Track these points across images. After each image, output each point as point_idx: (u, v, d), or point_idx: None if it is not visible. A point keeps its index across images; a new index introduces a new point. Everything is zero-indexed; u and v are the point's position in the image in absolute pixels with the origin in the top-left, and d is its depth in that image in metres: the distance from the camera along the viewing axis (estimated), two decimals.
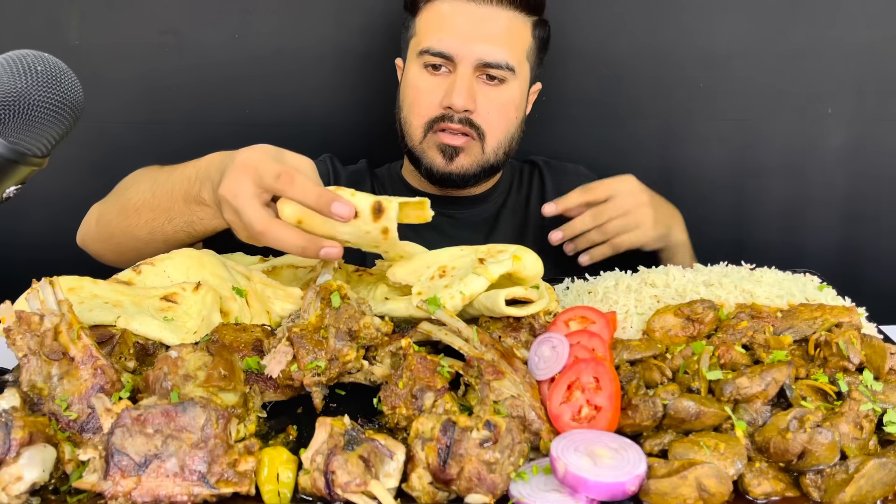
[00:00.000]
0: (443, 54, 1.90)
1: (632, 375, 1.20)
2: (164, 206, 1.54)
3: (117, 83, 2.28)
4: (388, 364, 1.25)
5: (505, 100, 1.96)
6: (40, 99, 1.05)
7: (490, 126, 1.96)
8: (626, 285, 1.50)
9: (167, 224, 1.55)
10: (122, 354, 1.21)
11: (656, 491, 0.98)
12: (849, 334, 1.22)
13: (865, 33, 2.32)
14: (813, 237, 2.49)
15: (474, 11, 1.90)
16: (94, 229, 1.77)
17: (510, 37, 1.93)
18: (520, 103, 2.02)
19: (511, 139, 2.03)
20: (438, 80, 1.93)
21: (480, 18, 1.90)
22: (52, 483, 1.01)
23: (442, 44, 1.90)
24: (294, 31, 2.30)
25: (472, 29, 1.90)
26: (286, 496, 1.01)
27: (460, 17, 1.90)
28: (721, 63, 2.35)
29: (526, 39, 1.98)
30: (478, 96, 1.92)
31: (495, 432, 0.99)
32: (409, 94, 1.98)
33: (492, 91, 1.93)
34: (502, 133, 1.99)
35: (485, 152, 1.98)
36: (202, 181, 1.44)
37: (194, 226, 1.52)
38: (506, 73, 1.92)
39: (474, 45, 1.88)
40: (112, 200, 1.73)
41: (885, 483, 1.00)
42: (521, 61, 1.97)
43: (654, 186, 2.05)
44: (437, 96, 1.92)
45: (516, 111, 2.01)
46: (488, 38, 1.90)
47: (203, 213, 1.47)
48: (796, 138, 2.42)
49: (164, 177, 1.58)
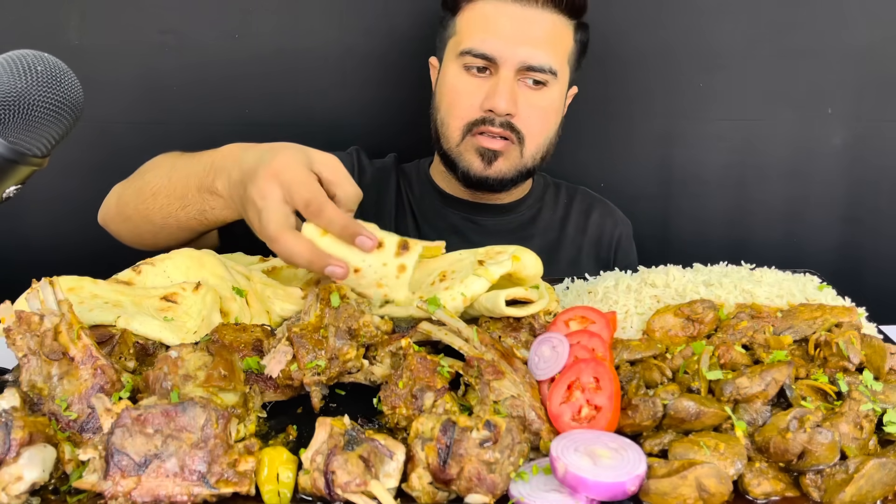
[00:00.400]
0: (486, 56, 1.86)
1: (632, 375, 1.20)
2: (179, 193, 1.55)
3: (117, 83, 2.28)
4: (388, 364, 1.25)
5: (546, 104, 1.93)
6: (40, 99, 1.05)
7: (530, 130, 1.92)
8: (626, 285, 1.50)
9: (181, 210, 1.56)
10: (122, 354, 1.21)
11: (656, 491, 0.98)
12: (849, 334, 1.22)
13: (865, 33, 2.32)
14: (813, 237, 2.50)
15: (518, 13, 1.86)
16: (114, 209, 1.77)
17: (553, 40, 1.90)
18: (559, 107, 2.00)
19: (549, 144, 2.00)
20: (479, 82, 1.89)
21: (524, 20, 1.87)
22: (52, 483, 1.01)
23: (485, 45, 1.86)
24: (294, 30, 2.30)
25: (516, 31, 1.86)
26: (286, 496, 1.01)
27: (504, 19, 1.86)
28: (721, 63, 2.35)
29: (568, 43, 1.95)
30: (519, 100, 1.88)
31: (495, 432, 0.99)
32: (448, 96, 1.94)
33: (533, 95, 1.90)
34: (542, 137, 1.96)
35: (523, 156, 1.95)
36: (217, 172, 1.45)
37: (206, 215, 1.53)
38: (548, 76, 1.89)
39: (518, 48, 1.85)
40: (131, 182, 1.74)
41: (885, 483, 1.00)
42: (562, 65, 1.94)
43: (654, 186, 2.06)
44: (477, 98, 1.88)
45: (556, 115, 1.99)
46: (532, 41, 1.86)
47: (215, 202, 1.48)
48: (796, 138, 2.42)
49: (182, 163, 1.59)
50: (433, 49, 2.07)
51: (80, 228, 2.36)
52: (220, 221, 1.55)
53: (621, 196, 2.32)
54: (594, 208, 2.23)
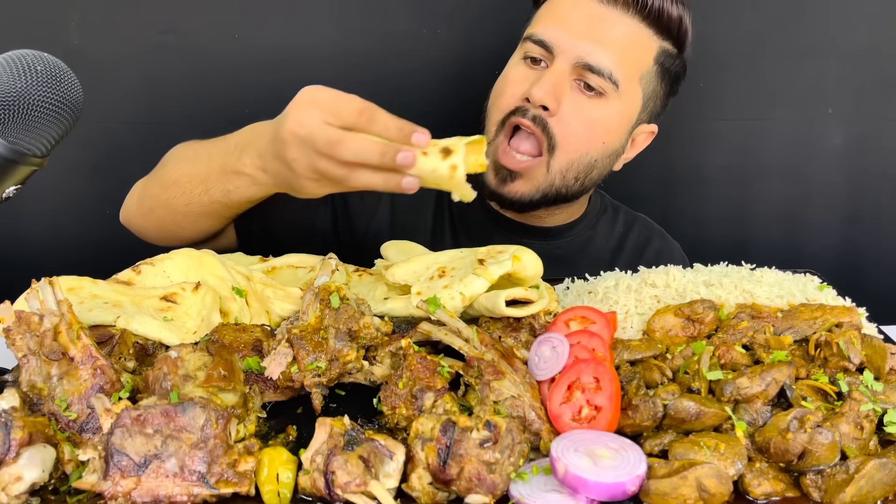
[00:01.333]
0: (543, 43, 1.68)
1: (632, 375, 1.20)
2: (202, 177, 1.55)
3: (117, 83, 2.28)
4: (388, 364, 1.25)
5: (596, 115, 1.70)
6: (40, 99, 1.05)
7: (567, 137, 1.69)
8: (627, 285, 1.50)
9: (204, 195, 1.56)
10: (122, 354, 1.21)
11: (656, 491, 0.98)
12: (849, 334, 1.22)
13: (865, 33, 2.32)
14: (813, 237, 2.50)
15: (594, 10, 1.68)
16: (136, 205, 1.75)
17: (625, 47, 1.69)
18: (614, 128, 1.75)
19: (590, 166, 1.76)
20: (531, 73, 1.71)
21: (596, 17, 1.68)
22: (51, 483, 1.01)
23: (546, 32, 1.69)
24: (294, 30, 2.30)
25: (584, 25, 1.68)
26: (286, 496, 1.00)
27: (577, 12, 1.69)
28: (721, 63, 2.35)
29: (645, 58, 1.73)
30: (564, 99, 1.68)
31: (495, 432, 0.99)
32: (499, 84, 1.78)
33: (584, 100, 1.69)
34: (578, 152, 1.72)
35: (550, 171, 1.72)
36: (242, 149, 1.45)
37: (230, 195, 1.52)
38: (607, 84, 1.67)
39: (579, 41, 1.66)
40: (153, 175, 1.73)
41: (885, 483, 1.00)
42: (630, 79, 1.71)
43: (654, 186, 2.05)
44: (522, 87, 1.70)
45: (606, 135, 1.74)
46: (598, 39, 1.67)
47: (240, 181, 1.48)
48: (796, 138, 2.42)
49: (204, 149, 1.59)
50: (434, 49, 2.06)
51: (80, 228, 2.37)
52: (245, 202, 1.55)
53: (621, 196, 2.32)
54: (650, 243, 2.03)
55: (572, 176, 1.76)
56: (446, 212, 1.96)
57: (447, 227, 1.96)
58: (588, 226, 1.99)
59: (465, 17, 2.31)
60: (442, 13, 2.31)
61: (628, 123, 1.79)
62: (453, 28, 2.32)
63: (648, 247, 2.02)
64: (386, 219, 1.93)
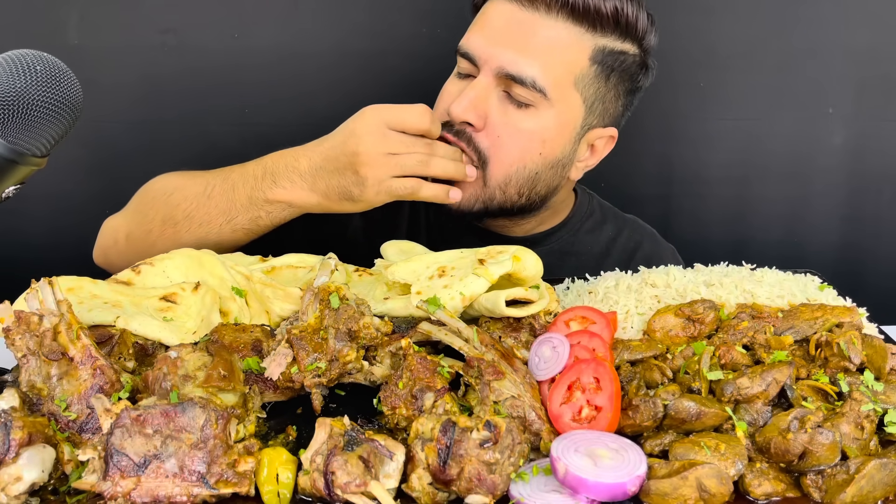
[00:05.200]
0: (468, 55, 1.62)
1: (632, 376, 1.20)
2: (223, 208, 1.57)
3: (117, 83, 2.28)
4: (387, 364, 1.25)
5: (527, 126, 1.60)
6: (39, 99, 1.05)
7: (498, 151, 1.61)
8: (627, 285, 1.50)
9: (226, 225, 1.58)
10: (122, 355, 1.21)
11: (657, 491, 0.98)
12: (850, 334, 1.22)
13: (865, 33, 2.32)
14: (813, 237, 2.50)
15: (517, 15, 1.57)
16: (124, 246, 1.68)
17: (550, 51, 1.57)
18: (553, 138, 1.63)
19: (531, 179, 1.66)
20: (461, 86, 1.65)
21: (519, 23, 1.57)
22: (51, 483, 1.00)
23: (470, 43, 1.62)
24: (294, 30, 2.30)
25: (505, 32, 1.58)
26: (286, 497, 1.00)
27: (499, 20, 1.60)
28: (721, 63, 2.35)
29: (578, 61, 1.59)
30: (492, 112, 1.59)
31: (495, 433, 0.99)
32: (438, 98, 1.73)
33: (515, 112, 1.60)
34: (514, 166, 1.63)
35: (487, 185, 1.64)
36: (274, 177, 1.53)
37: (259, 221, 1.57)
38: (533, 94, 1.57)
39: (501, 50, 1.57)
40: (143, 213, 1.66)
41: (885, 483, 1.00)
42: (561, 85, 1.59)
43: (654, 186, 2.04)
44: (448, 102, 1.64)
45: (543, 146, 1.63)
46: (520, 47, 1.56)
47: (272, 207, 1.55)
48: (796, 138, 2.42)
49: (219, 180, 1.60)
50: (434, 49, 2.06)
51: (79, 228, 2.35)
52: (273, 226, 1.60)
53: (621, 196, 2.32)
54: (640, 247, 1.95)
55: (514, 191, 1.67)
56: (422, 219, 1.92)
57: (423, 233, 1.90)
58: (569, 232, 1.92)
59: (465, 17, 2.31)
60: (442, 13, 2.31)
61: (571, 131, 1.66)
62: (453, 28, 2.32)
63: (638, 251, 1.95)
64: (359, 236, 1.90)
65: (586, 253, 1.91)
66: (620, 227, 1.99)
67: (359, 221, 1.90)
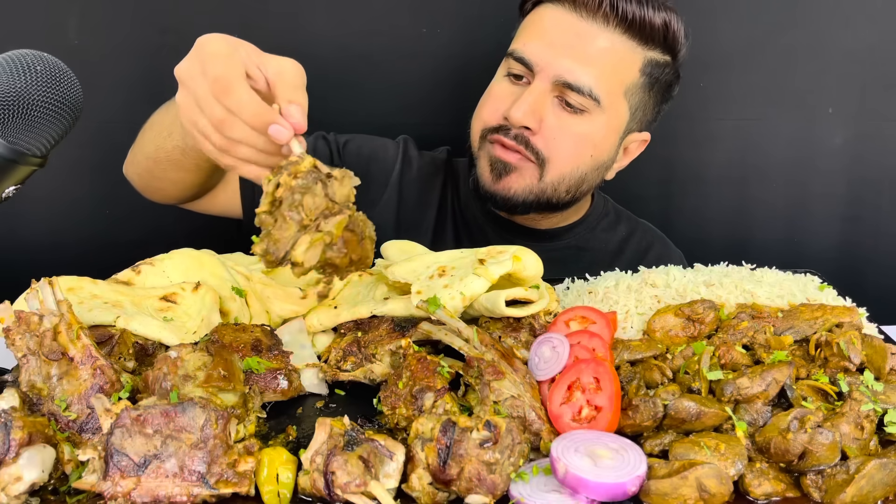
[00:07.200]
0: (524, 61, 1.69)
1: (632, 376, 1.20)
2: (167, 122, 1.58)
3: (117, 83, 2.28)
4: (387, 363, 1.25)
5: (581, 130, 1.70)
6: (39, 99, 1.05)
7: (554, 154, 1.71)
8: (627, 285, 1.50)
9: (167, 139, 1.57)
10: (122, 355, 1.21)
11: (657, 491, 0.98)
12: (849, 334, 1.22)
13: (865, 33, 2.32)
14: (813, 237, 2.50)
15: (575, 25, 1.66)
16: (130, 154, 1.79)
17: (606, 62, 1.67)
18: (600, 142, 1.75)
19: (580, 179, 1.77)
20: (513, 90, 1.72)
21: (577, 33, 1.66)
22: (51, 483, 1.00)
23: (526, 49, 1.69)
24: (294, 30, 2.29)
25: (564, 42, 1.66)
26: (286, 497, 1.00)
27: (557, 28, 1.67)
28: (721, 63, 2.35)
29: (629, 72, 1.71)
30: (546, 117, 1.68)
31: (495, 433, 0.99)
32: (484, 97, 1.80)
33: (567, 117, 1.69)
34: (569, 166, 1.73)
35: (542, 181, 1.73)
36: None
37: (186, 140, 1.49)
38: (588, 101, 1.67)
39: (559, 59, 1.65)
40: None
41: (885, 483, 1.00)
42: (613, 94, 1.70)
43: (654, 186, 2.04)
44: (503, 104, 1.71)
45: (594, 149, 1.74)
46: (578, 56, 1.65)
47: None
48: (797, 138, 2.42)
49: None
50: (434, 49, 2.06)
51: (79, 228, 2.36)
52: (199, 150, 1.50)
53: (622, 196, 2.32)
54: (652, 248, 2.04)
55: (564, 189, 1.78)
56: (449, 211, 1.99)
57: (449, 226, 1.98)
58: (586, 229, 2.01)
59: (465, 17, 2.31)
60: (442, 13, 2.31)
61: (616, 136, 1.78)
62: (453, 28, 2.32)
63: (650, 252, 2.04)
64: (391, 215, 1.94)
65: (601, 249, 2.00)
66: (633, 229, 2.08)
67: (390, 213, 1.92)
